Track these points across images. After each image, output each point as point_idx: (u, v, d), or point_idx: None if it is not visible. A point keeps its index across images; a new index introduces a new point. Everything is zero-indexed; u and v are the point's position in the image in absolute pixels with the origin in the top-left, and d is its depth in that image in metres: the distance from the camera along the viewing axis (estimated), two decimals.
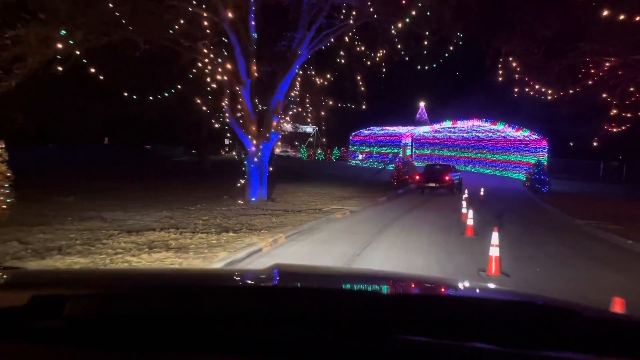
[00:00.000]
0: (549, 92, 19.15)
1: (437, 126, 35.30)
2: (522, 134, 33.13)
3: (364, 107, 21.49)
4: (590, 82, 20.36)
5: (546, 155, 30.03)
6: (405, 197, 21.33)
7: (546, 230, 12.70)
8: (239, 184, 17.02)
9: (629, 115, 21.45)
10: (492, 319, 1.29)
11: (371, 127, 48.20)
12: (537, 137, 31.78)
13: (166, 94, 19.01)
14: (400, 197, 21.39)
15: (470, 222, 10.85)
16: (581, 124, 27.86)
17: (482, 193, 20.02)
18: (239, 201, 16.09)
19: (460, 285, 2.22)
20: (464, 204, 13.50)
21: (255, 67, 16.77)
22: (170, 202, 14.96)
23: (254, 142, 16.58)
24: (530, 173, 26.08)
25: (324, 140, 65.70)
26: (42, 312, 1.26)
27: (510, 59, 18.59)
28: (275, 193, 19.26)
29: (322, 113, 23.49)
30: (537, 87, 19.07)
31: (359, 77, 20.65)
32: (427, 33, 16.73)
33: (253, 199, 16.38)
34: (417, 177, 23.01)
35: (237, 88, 16.48)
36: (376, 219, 13.23)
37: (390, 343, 1.14)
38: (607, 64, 17.87)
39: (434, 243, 10.14)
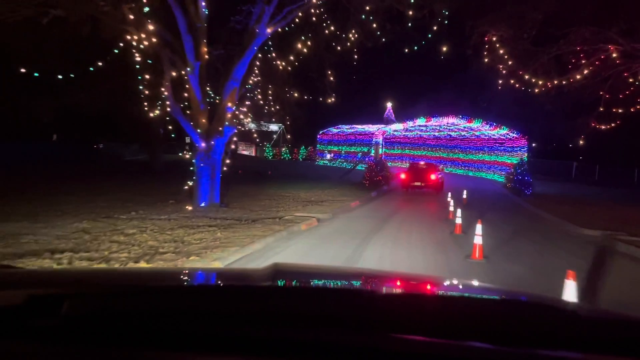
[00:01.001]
0: (539, 82, 17.18)
1: (410, 124, 33.16)
2: (500, 132, 31.27)
3: (332, 99, 19.05)
4: (579, 76, 18.55)
5: (525, 154, 28.32)
6: (380, 201, 19.03)
7: (558, 247, 10.31)
8: (186, 187, 14.38)
9: (619, 110, 19.78)
10: (488, 317, 1.30)
11: (340, 126, 45.87)
12: (515, 135, 29.95)
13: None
14: (374, 200, 19.07)
15: (478, 240, 8.31)
16: (565, 121, 26.22)
17: (464, 197, 17.91)
18: (187, 207, 13.52)
19: (457, 285, 2.34)
20: (458, 220, 11.11)
21: (205, 49, 14.19)
22: (100, 209, 12.27)
23: (205, 137, 13.98)
24: (511, 174, 24.19)
25: (289, 137, 63.27)
26: (39, 310, 1.25)
27: (498, 45, 16.52)
28: (233, 196, 16.67)
29: (287, 107, 21.06)
30: (526, 77, 17.05)
31: (327, 67, 18.30)
32: (408, 10, 14.41)
33: (202, 205, 13.78)
34: (403, 177, 21.80)
35: (183, 72, 13.86)
36: (351, 232, 10.79)
37: (388, 342, 1.14)
38: (604, 53, 15.95)
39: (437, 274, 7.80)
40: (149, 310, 1.30)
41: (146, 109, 13.00)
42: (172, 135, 14.63)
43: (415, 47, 16.82)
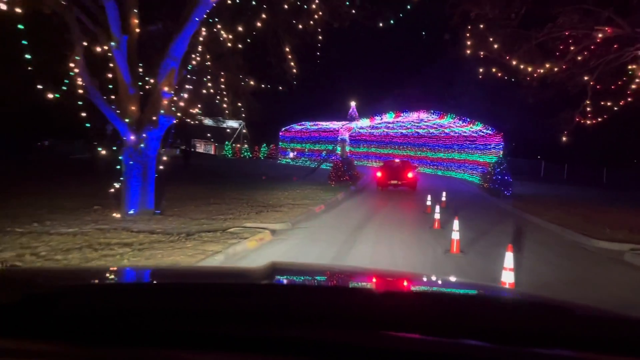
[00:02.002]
0: (525, 69, 15.20)
1: (378, 119, 30.95)
2: (473, 128, 29.31)
3: (293, 86, 16.62)
4: (565, 66, 16.74)
5: (501, 152, 26.55)
6: (349, 204, 16.71)
7: (587, 270, 8.09)
8: (112, 190, 11.66)
9: (608, 104, 18.08)
10: (484, 315, 1.30)
11: (303, 122, 43.34)
12: (490, 132, 28.07)
13: None
14: (342, 203, 16.73)
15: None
16: (544, 118, 24.60)
17: (443, 199, 15.78)
18: (114, 214, 10.90)
19: (453, 283, 2.40)
20: (455, 234, 8.56)
21: (136, 21, 11.52)
22: None
23: (135, 128, 11.33)
24: (489, 173, 22.26)
25: (245, 133, 60.13)
26: (35, 308, 1.25)
27: (482, 26, 14.43)
28: (177, 200, 14.09)
29: (242, 97, 18.52)
30: (514, 62, 15.04)
31: (287, 49, 15.84)
32: None
33: (131, 212, 11.15)
34: (379, 175, 20.76)
35: (107, 47, 11.16)
36: (314, 251, 8.31)
37: (384, 340, 1.14)
38: (600, 35, 14.07)
39: None
40: (146, 309, 1.29)
41: (40, 87, 10.11)
42: (87, 125, 11.63)
43: (386, 23, 14.50)
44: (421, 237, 10.17)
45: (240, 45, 14.42)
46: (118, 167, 11.53)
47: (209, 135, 60.60)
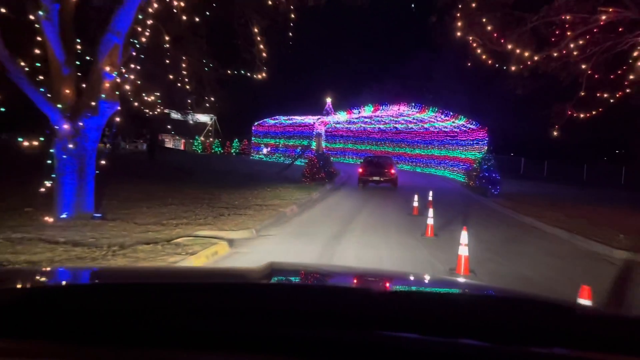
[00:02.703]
0: (525, 53, 13.77)
1: (356, 112, 29.21)
2: (456, 122, 27.81)
3: (264, 74, 14.82)
4: (556, 54, 15.41)
5: (486, 148, 25.17)
6: (325, 205, 15.06)
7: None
8: (42, 189, 9.72)
9: (605, 95, 16.82)
10: (481, 315, 1.29)
11: (277, 117, 41.40)
12: (474, 126, 26.61)
13: None
14: (317, 204, 15.06)
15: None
16: (533, 111, 23.41)
17: (430, 199, 14.26)
18: (47, 218, 9.07)
19: (450, 283, 2.37)
20: (463, 251, 6.82)
21: None
22: None
23: (70, 115, 9.44)
24: (475, 170, 20.84)
25: (216, 128, 57.67)
26: (34, 308, 1.25)
27: (473, 4, 12.89)
28: (127, 200, 12.28)
29: (207, 85, 16.68)
30: (509, 45, 13.57)
31: (256, 31, 14.07)
32: None
33: (64, 216, 9.30)
34: (360, 171, 20.27)
35: (33, 18, 9.22)
36: None
37: (382, 340, 1.14)
38: (604, 17, 12.68)
39: None
40: (145, 308, 1.27)
41: None
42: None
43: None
44: (415, 251, 8.44)
45: (201, 25, 12.58)
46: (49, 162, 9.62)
47: (177, 130, 58.24)
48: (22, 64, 9.15)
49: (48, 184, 9.58)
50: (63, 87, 9.44)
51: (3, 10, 8.76)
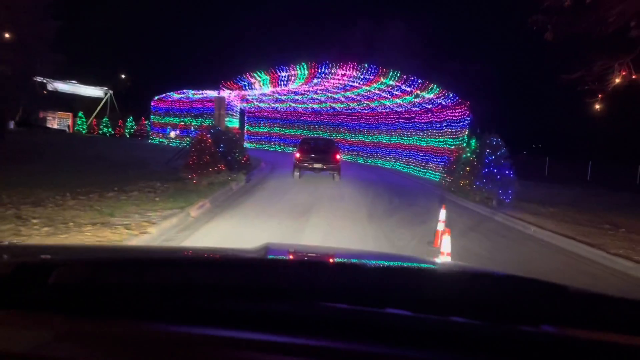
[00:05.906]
0: None
1: (284, 77, 20.56)
2: (423, 95, 19.85)
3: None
4: None
5: (466, 132, 17.75)
6: (216, 233, 6.87)
7: None
8: None
9: None
10: (471, 293, 1.28)
11: (184, 90, 32.10)
12: (451, 101, 18.80)
13: None
14: (198, 231, 6.82)
15: None
16: (558, 70, 16.29)
17: (442, 218, 6.43)
18: None
19: (441, 264, 2.36)
20: None
21: None
22: None
23: None
24: (466, 164, 13.12)
25: (103, 102, 46.86)
26: (27, 280, 1.22)
27: None
28: None
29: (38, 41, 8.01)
30: None
31: None
32: None
33: None
34: (297, 156, 16.86)
35: None
36: None
37: (377, 316, 1.14)
38: None
39: None
40: (139, 283, 1.26)
41: None
42: None
43: None
44: None
45: None
46: None
47: (69, 107, 47.27)
48: None
49: None
50: None
51: None
